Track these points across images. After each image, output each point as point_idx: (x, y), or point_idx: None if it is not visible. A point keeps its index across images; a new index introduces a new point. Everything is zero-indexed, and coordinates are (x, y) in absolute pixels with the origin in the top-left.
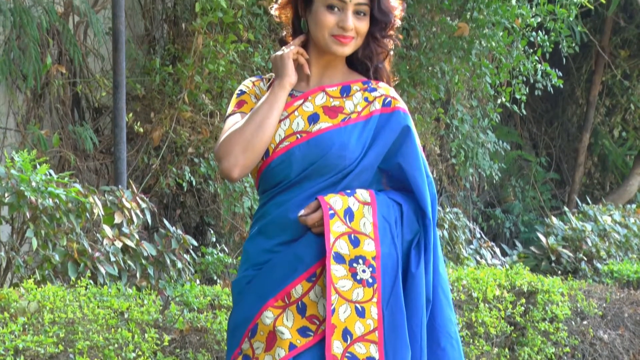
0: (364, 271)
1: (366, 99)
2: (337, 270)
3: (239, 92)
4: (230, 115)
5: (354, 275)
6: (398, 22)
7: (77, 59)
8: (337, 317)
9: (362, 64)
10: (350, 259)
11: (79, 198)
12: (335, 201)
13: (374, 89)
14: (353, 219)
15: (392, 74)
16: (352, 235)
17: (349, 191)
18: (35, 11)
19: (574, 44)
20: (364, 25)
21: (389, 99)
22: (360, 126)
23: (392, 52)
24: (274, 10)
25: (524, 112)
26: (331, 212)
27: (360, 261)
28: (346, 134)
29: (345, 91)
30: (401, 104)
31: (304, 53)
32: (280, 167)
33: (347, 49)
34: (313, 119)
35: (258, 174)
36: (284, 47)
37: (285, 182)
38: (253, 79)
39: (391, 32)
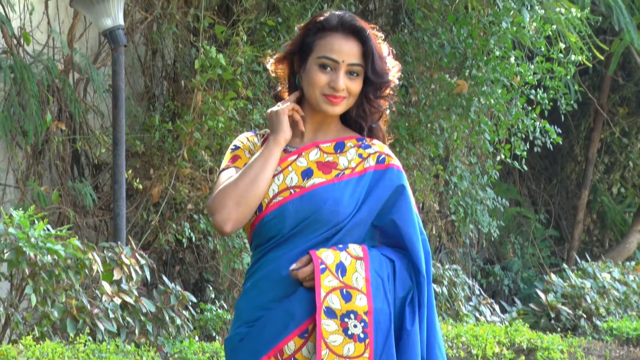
0: (355, 326)
1: (360, 155)
2: (328, 325)
3: (233, 147)
4: (224, 169)
5: (345, 330)
6: (396, 82)
7: (77, 114)
8: None
9: (356, 122)
10: (342, 314)
11: (77, 254)
12: (327, 255)
13: (368, 146)
14: (345, 274)
15: (389, 132)
16: (344, 290)
17: (341, 246)
18: (36, 68)
19: (572, 102)
20: (356, 85)
21: (383, 155)
22: (354, 182)
23: (387, 112)
24: (270, 65)
25: (525, 168)
26: (322, 266)
27: (352, 316)
28: (339, 189)
29: (339, 147)
30: (395, 161)
31: (299, 110)
32: (273, 221)
33: (338, 109)
34: (307, 174)
35: (251, 229)
36: (279, 103)
37: (279, 237)
38: (247, 134)
39: (386, 93)
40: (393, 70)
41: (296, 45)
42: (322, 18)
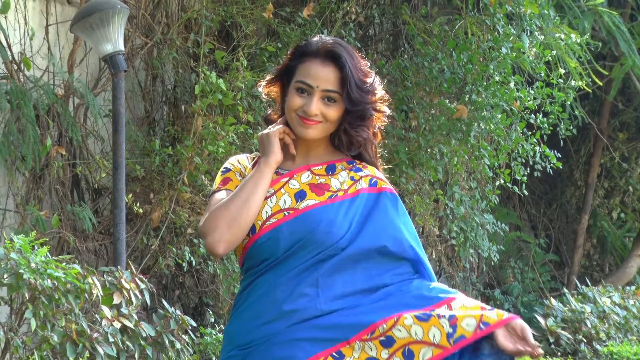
0: None
1: (352, 178)
2: None
3: (224, 169)
4: (215, 192)
5: None
6: (386, 110)
7: (75, 139)
8: None
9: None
10: None
11: (77, 282)
12: None
13: (360, 169)
14: None
15: (388, 157)
16: None
17: None
18: (36, 93)
19: (571, 127)
20: (333, 112)
21: (374, 179)
22: (347, 203)
23: (374, 141)
24: (262, 88)
25: (525, 193)
26: None
27: None
28: (333, 210)
29: (331, 169)
30: (387, 184)
31: (290, 133)
32: (267, 243)
33: (311, 131)
34: (300, 196)
35: (243, 251)
36: (270, 126)
37: (272, 259)
38: (239, 156)
39: (366, 123)
40: (374, 98)
41: (282, 69)
42: (304, 43)
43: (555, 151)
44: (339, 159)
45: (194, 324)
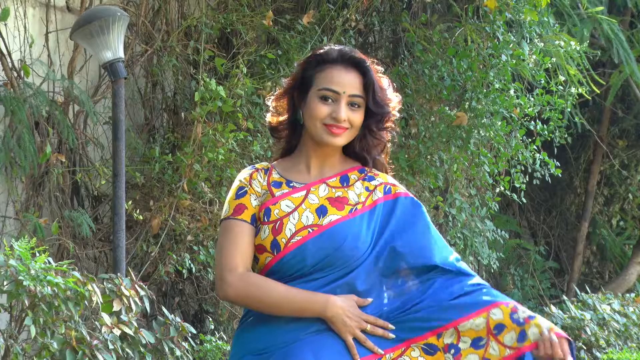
0: None
1: (367, 189)
2: None
3: (240, 192)
4: (228, 219)
5: None
6: (396, 114)
7: (71, 142)
8: None
9: (359, 156)
10: None
11: (77, 288)
12: None
13: (372, 178)
14: None
15: (389, 164)
16: None
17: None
18: (34, 100)
19: (566, 135)
20: (358, 117)
21: (388, 186)
22: (367, 216)
23: (389, 145)
24: (270, 102)
25: (524, 201)
26: None
27: None
28: (356, 225)
29: (345, 181)
30: (400, 189)
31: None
32: (293, 261)
33: (339, 140)
34: (321, 211)
35: (265, 268)
36: (350, 311)
37: (298, 274)
38: (249, 170)
39: (387, 125)
40: (394, 101)
41: (296, 80)
42: (321, 51)
43: (555, 159)
44: (350, 168)
45: (194, 331)
